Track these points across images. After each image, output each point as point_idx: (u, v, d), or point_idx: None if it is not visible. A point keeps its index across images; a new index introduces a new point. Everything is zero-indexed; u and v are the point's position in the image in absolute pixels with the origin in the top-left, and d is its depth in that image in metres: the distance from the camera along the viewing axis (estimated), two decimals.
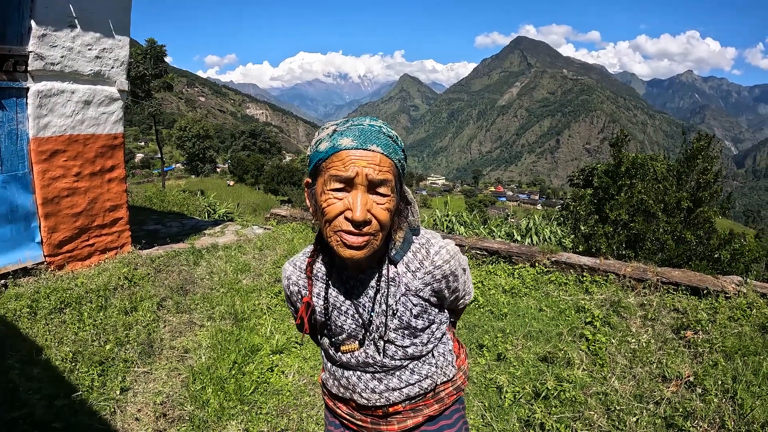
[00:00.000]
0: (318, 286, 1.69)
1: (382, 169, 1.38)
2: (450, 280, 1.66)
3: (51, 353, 4.11)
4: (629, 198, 9.65)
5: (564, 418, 3.59)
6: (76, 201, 6.20)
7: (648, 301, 5.47)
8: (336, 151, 1.38)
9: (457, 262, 1.68)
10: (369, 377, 1.69)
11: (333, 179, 1.37)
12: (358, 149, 1.37)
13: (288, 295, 1.83)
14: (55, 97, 5.86)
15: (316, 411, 3.80)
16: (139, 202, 13.86)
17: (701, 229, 9.67)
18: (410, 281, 1.60)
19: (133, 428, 3.51)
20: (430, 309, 1.68)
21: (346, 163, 1.36)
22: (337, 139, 1.39)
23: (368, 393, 1.70)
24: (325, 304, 1.67)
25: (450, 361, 1.80)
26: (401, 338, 1.64)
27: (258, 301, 5.71)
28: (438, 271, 1.61)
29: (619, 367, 4.25)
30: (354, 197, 1.37)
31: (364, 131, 1.40)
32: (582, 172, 16.53)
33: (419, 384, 1.71)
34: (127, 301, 5.23)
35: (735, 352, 4.31)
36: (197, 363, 4.31)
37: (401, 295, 1.61)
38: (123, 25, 6.50)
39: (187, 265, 6.63)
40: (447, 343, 1.82)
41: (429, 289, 1.63)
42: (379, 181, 1.38)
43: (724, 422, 3.46)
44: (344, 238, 1.39)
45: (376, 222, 1.40)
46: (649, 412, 3.64)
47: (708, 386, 3.84)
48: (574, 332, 4.94)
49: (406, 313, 1.62)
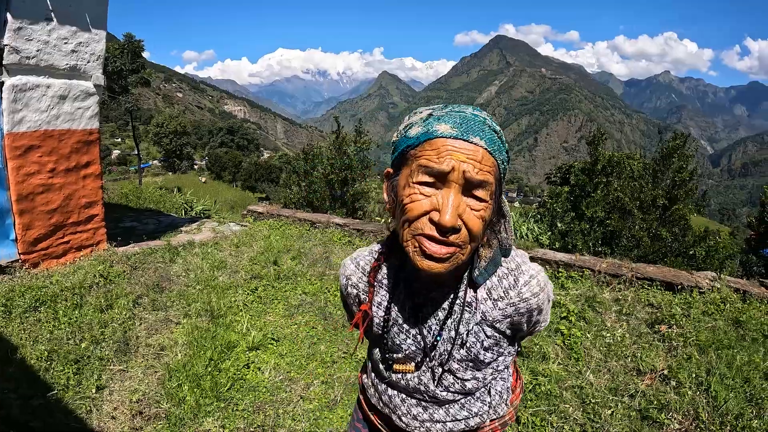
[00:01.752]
0: (381, 295, 1.49)
1: (483, 168, 1.16)
2: (534, 314, 1.43)
3: (26, 352, 4.06)
4: (605, 195, 9.77)
5: (539, 411, 3.62)
6: (51, 198, 6.11)
7: (623, 296, 5.52)
8: (430, 138, 1.17)
9: (546, 296, 1.43)
10: (414, 402, 1.51)
11: (422, 171, 1.16)
12: (457, 139, 1.15)
13: (344, 296, 1.65)
14: (30, 92, 5.76)
15: (292, 407, 3.80)
16: (115, 199, 13.74)
17: (676, 227, 9.83)
18: (489, 310, 1.38)
19: (110, 427, 3.48)
20: (503, 341, 1.45)
21: (441, 153, 1.14)
22: (433, 124, 1.18)
23: (408, 418, 1.52)
24: (386, 316, 1.47)
25: (505, 399, 1.58)
26: (463, 370, 1.43)
27: (234, 298, 5.69)
28: (523, 305, 1.38)
29: (594, 361, 4.29)
30: (445, 196, 1.14)
31: (467, 119, 1.18)
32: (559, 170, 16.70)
33: (466, 421, 1.51)
34: (103, 298, 5.17)
35: (709, 346, 4.36)
36: (173, 360, 4.28)
37: (475, 324, 1.39)
38: (100, 18, 6.41)
39: (163, 262, 6.58)
40: (507, 379, 1.60)
41: (508, 321, 1.40)
42: (477, 182, 1.15)
43: (699, 414, 3.51)
44: (424, 244, 1.17)
45: (465, 231, 1.17)
46: (624, 405, 3.68)
47: (682, 379, 3.89)
48: (549, 327, 4.97)
49: (476, 345, 1.40)
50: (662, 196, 9.71)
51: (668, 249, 9.52)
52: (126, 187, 16.97)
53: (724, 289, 5.39)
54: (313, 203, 13.05)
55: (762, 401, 3.62)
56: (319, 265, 6.77)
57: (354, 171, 13.11)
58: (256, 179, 76.11)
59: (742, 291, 5.42)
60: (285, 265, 6.75)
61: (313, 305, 5.65)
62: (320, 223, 8.88)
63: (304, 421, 3.65)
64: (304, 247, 7.62)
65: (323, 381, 4.16)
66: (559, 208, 11.54)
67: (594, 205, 9.72)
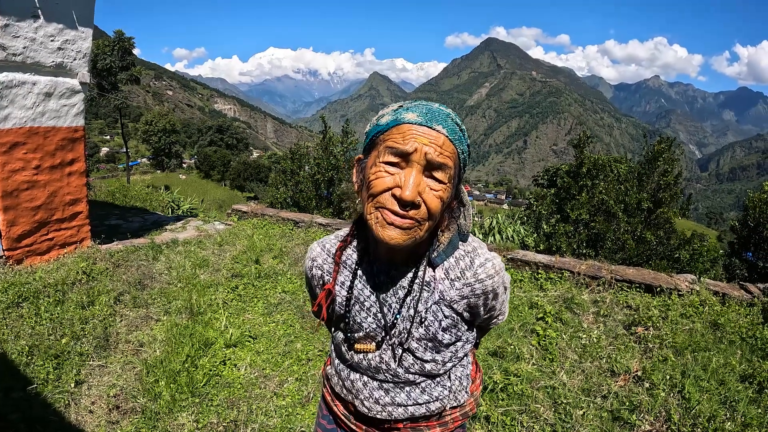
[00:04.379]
0: (344, 275, 1.57)
1: (444, 153, 1.25)
2: (489, 298, 1.51)
3: (7, 347, 4.09)
4: (590, 198, 9.81)
5: (510, 410, 3.65)
6: (36, 194, 6.13)
7: (601, 298, 5.57)
8: (398, 124, 1.26)
9: (501, 279, 1.52)
10: (376, 385, 1.57)
11: (388, 151, 1.25)
12: (422, 126, 1.24)
13: (308, 278, 1.71)
14: (16, 88, 5.77)
15: (265, 403, 3.84)
16: (101, 197, 13.68)
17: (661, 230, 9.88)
18: (446, 290, 1.46)
19: (87, 420, 3.52)
20: (461, 324, 1.53)
21: (406, 136, 1.24)
22: (401, 113, 1.28)
23: (371, 402, 1.58)
24: (348, 295, 1.54)
25: (465, 386, 1.66)
26: (422, 350, 1.50)
27: (214, 296, 5.73)
28: (479, 285, 1.46)
29: (568, 361, 4.34)
30: (407, 175, 1.23)
31: (432, 111, 1.28)
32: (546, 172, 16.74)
33: (427, 405, 1.58)
34: (85, 295, 5.20)
35: (685, 348, 4.43)
36: (151, 356, 4.32)
37: (433, 303, 1.46)
38: (87, 16, 6.41)
39: (146, 260, 6.60)
40: (466, 366, 1.68)
41: (465, 302, 1.47)
42: (437, 164, 1.25)
43: (671, 416, 3.55)
44: (386, 215, 1.25)
45: (425, 208, 1.25)
46: (596, 406, 3.72)
47: (656, 380, 3.94)
48: (525, 327, 5.02)
49: (435, 324, 1.47)
50: (647, 200, 9.78)
51: (653, 252, 9.58)
52: (113, 185, 16.92)
53: (703, 291, 5.45)
54: (299, 203, 13.06)
55: (736, 403, 3.66)
56: (300, 264, 6.79)
57: (340, 171, 13.14)
58: (244, 178, 75.77)
59: (721, 294, 5.49)
60: (266, 263, 6.80)
61: (292, 304, 5.69)
62: (303, 223, 8.93)
63: (276, 416, 3.69)
64: (286, 246, 7.68)
65: (297, 378, 4.21)
66: (544, 211, 11.61)
67: (578, 207, 9.76)
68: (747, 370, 4.10)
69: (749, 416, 3.51)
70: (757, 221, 9.68)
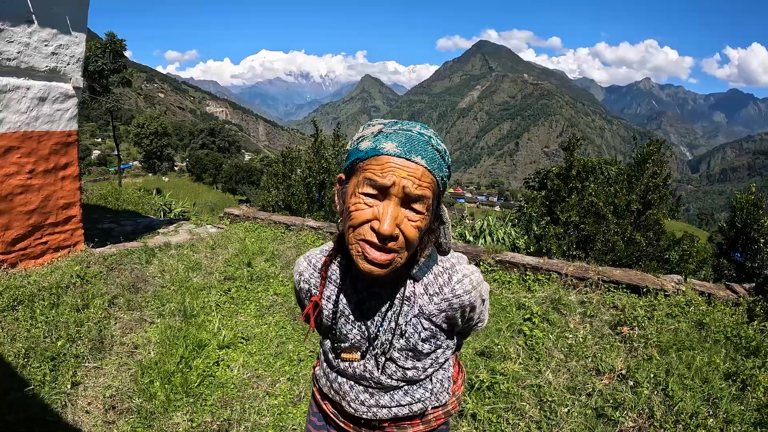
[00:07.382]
0: (330, 289, 1.62)
1: (422, 185, 1.28)
2: (466, 311, 1.58)
3: (4, 350, 4.12)
4: (580, 200, 9.87)
5: (497, 408, 3.73)
6: (30, 198, 6.15)
7: (588, 298, 5.65)
8: (377, 154, 1.28)
9: (478, 293, 1.57)
10: (361, 389, 1.64)
11: (367, 183, 1.28)
12: (400, 158, 1.26)
13: (297, 291, 1.79)
14: (10, 93, 5.80)
15: (258, 402, 3.91)
16: (94, 201, 13.65)
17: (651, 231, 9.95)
18: (425, 304, 1.52)
19: (84, 420, 3.58)
20: (440, 334, 1.59)
21: (384, 169, 1.26)
22: (381, 141, 1.29)
23: (356, 404, 1.65)
24: (334, 308, 1.60)
25: (446, 387, 1.73)
26: (404, 359, 1.58)
27: (207, 299, 5.78)
28: (456, 300, 1.51)
29: (554, 361, 4.41)
30: (385, 208, 1.27)
31: (412, 139, 1.29)
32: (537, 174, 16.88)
33: (410, 407, 1.65)
34: (79, 298, 5.23)
35: (670, 347, 4.50)
36: (146, 358, 4.38)
37: (413, 317, 1.52)
38: (80, 21, 6.45)
39: (139, 263, 6.63)
40: (448, 369, 1.74)
41: (443, 315, 1.54)
42: (415, 197, 1.27)
43: (653, 413, 3.62)
44: (366, 250, 1.30)
45: (403, 239, 1.30)
46: (581, 403, 3.80)
47: (640, 379, 4.01)
48: (513, 328, 5.09)
49: (414, 336, 1.54)
50: (636, 201, 9.84)
51: (642, 253, 9.64)
52: (105, 189, 16.84)
53: (689, 292, 5.53)
54: (291, 206, 13.10)
55: (719, 400, 3.74)
56: (292, 267, 6.84)
57: (332, 174, 13.18)
58: (236, 181, 75.65)
59: (707, 294, 5.56)
60: (258, 266, 6.84)
61: (283, 306, 5.76)
62: (295, 226, 8.96)
63: (268, 415, 3.76)
64: (278, 249, 7.72)
65: (289, 378, 4.29)
66: (534, 213, 11.70)
67: (568, 209, 9.83)
68: (731, 368, 4.19)
69: (732, 413, 3.59)
70: (745, 222, 9.76)
